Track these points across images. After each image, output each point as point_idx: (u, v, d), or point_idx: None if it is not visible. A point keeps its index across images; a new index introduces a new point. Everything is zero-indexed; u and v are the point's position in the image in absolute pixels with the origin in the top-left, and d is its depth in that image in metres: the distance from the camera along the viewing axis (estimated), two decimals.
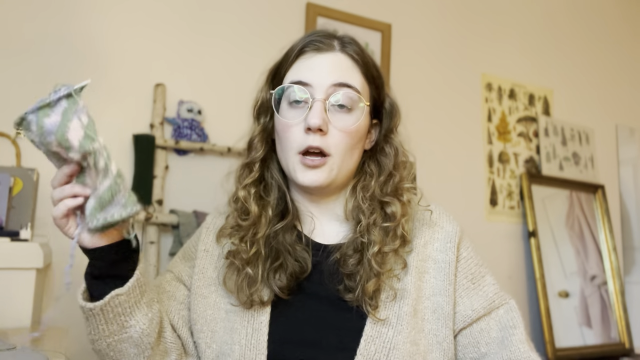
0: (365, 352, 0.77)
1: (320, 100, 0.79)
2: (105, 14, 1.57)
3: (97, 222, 0.68)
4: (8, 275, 1.15)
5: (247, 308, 0.82)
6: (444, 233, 0.89)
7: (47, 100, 0.65)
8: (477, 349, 0.85)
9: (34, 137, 0.66)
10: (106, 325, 0.78)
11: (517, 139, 2.34)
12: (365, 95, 0.85)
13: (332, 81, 0.81)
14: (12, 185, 1.30)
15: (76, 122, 0.67)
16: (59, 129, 0.65)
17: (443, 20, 2.20)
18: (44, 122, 0.65)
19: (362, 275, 0.79)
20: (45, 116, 0.65)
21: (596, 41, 2.66)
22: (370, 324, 0.80)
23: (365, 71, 0.86)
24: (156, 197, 1.55)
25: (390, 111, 0.90)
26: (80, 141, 0.67)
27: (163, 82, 1.61)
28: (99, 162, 0.69)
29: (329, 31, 0.88)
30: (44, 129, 0.65)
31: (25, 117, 0.65)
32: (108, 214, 0.69)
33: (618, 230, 2.58)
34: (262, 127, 0.90)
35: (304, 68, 0.83)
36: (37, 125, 0.65)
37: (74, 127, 0.67)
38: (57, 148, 0.67)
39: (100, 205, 0.69)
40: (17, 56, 1.46)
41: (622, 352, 2.29)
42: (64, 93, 0.67)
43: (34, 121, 0.65)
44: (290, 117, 0.82)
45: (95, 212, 0.69)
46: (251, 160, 0.89)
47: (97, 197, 0.69)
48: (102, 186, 0.69)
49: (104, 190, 0.69)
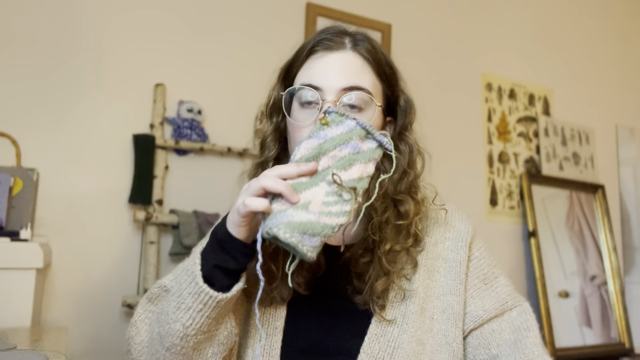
0: (369, 351, 0.77)
1: (331, 102, 0.78)
2: (105, 14, 1.57)
3: (288, 236, 0.61)
4: (8, 275, 1.15)
5: (266, 306, 0.82)
6: (456, 232, 0.88)
7: (372, 130, 0.71)
8: (488, 351, 0.83)
9: (328, 134, 0.70)
10: (214, 319, 0.71)
11: (517, 139, 2.34)
12: (378, 94, 0.83)
13: (342, 85, 0.78)
14: (12, 185, 1.30)
15: (370, 168, 0.71)
16: (360, 153, 0.70)
17: (443, 20, 2.20)
18: (355, 141, 0.70)
19: (372, 274, 0.79)
20: (361, 140, 0.71)
21: (596, 41, 2.66)
22: (375, 323, 0.79)
23: (378, 69, 0.83)
24: (156, 197, 1.55)
25: (405, 108, 0.89)
26: (360, 175, 0.69)
27: (163, 82, 1.61)
28: (344, 196, 0.67)
29: (340, 28, 0.85)
30: (349, 144, 0.70)
31: (339, 115, 0.71)
32: (302, 239, 0.62)
33: (618, 230, 2.58)
34: (274, 127, 0.88)
35: (315, 69, 0.81)
36: (348, 135, 0.70)
37: (368, 167, 0.70)
38: (329, 161, 0.69)
39: (306, 229, 0.62)
40: (17, 56, 1.46)
41: (622, 352, 2.29)
42: (385, 143, 0.71)
43: (347, 129, 0.70)
44: (301, 118, 0.80)
45: (296, 228, 0.61)
46: (265, 160, 0.87)
47: (310, 220, 0.63)
48: (325, 219, 0.64)
49: (322, 225, 0.63)
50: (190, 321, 0.69)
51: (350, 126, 0.70)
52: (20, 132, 1.42)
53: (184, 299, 0.69)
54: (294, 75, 0.84)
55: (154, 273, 1.51)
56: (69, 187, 1.48)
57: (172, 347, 0.71)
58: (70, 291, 1.45)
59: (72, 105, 1.51)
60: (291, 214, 0.63)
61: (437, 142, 2.14)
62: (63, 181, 1.47)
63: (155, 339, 0.74)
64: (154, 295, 0.83)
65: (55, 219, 1.45)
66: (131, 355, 0.81)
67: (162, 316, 0.74)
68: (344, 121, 0.71)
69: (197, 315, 0.69)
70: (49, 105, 1.48)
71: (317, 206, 0.64)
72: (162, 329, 0.72)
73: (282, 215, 0.63)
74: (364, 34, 0.85)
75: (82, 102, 1.52)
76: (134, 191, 1.51)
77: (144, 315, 0.82)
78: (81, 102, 1.52)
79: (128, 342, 0.82)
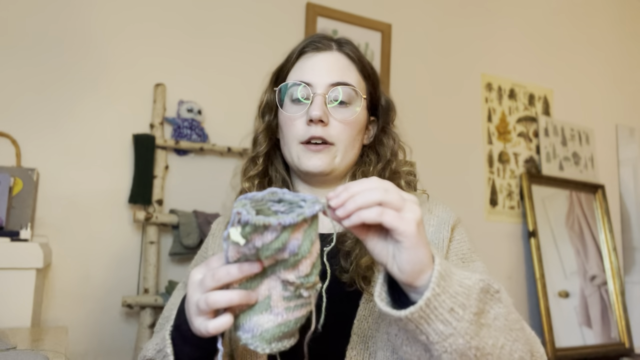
0: (359, 332, 0.81)
1: (321, 95, 0.85)
2: (105, 14, 1.57)
3: (268, 350, 0.59)
4: (8, 275, 1.15)
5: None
6: (439, 219, 0.91)
7: (299, 217, 0.55)
8: None
9: (254, 245, 0.55)
10: None
11: (517, 139, 2.34)
12: (362, 90, 0.90)
13: (331, 81, 0.86)
14: (12, 185, 1.30)
15: (316, 247, 0.58)
16: (300, 251, 0.56)
17: (443, 20, 2.20)
18: (289, 241, 0.55)
19: (357, 252, 0.82)
20: (293, 235, 0.55)
21: (596, 41, 2.66)
22: (363, 305, 0.82)
23: (362, 68, 0.91)
24: (156, 197, 1.55)
25: (386, 108, 0.96)
26: (310, 269, 0.58)
27: (163, 82, 1.61)
28: (303, 294, 0.59)
29: (326, 34, 0.94)
30: (286, 247, 0.55)
31: (257, 225, 0.53)
32: (281, 344, 0.60)
33: (618, 230, 2.58)
34: (266, 125, 0.95)
35: (305, 68, 0.88)
36: (278, 241, 0.54)
37: (313, 253, 0.58)
38: (272, 261, 0.57)
39: (281, 334, 0.59)
40: (17, 56, 1.46)
41: (622, 352, 2.29)
42: (317, 210, 0.56)
43: (274, 237, 0.54)
44: (293, 111, 0.87)
45: (271, 339, 0.59)
46: (256, 154, 0.94)
47: (280, 324, 0.59)
48: (293, 315, 0.60)
49: (293, 321, 0.60)
50: None
51: (277, 231, 0.55)
52: (20, 132, 1.42)
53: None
54: (285, 76, 0.92)
55: (154, 273, 1.51)
56: (69, 187, 1.48)
57: None
58: (70, 291, 1.45)
59: (72, 105, 1.51)
60: (258, 322, 0.59)
61: (437, 142, 2.16)
62: (63, 181, 1.47)
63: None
64: (158, 329, 0.88)
65: (55, 219, 1.45)
66: None
67: None
68: (268, 228, 0.55)
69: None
70: (49, 105, 1.48)
71: (279, 303, 0.59)
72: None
73: (250, 325, 0.59)
74: (348, 39, 0.94)
75: (82, 102, 1.52)
76: (134, 191, 1.51)
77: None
78: (81, 102, 1.52)
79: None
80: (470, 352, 0.62)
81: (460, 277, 0.63)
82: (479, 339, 0.63)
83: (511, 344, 0.68)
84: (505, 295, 0.74)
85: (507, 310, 0.70)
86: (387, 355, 0.78)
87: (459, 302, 0.61)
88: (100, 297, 1.48)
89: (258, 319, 0.60)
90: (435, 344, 0.61)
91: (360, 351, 0.80)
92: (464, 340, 0.61)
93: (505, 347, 0.68)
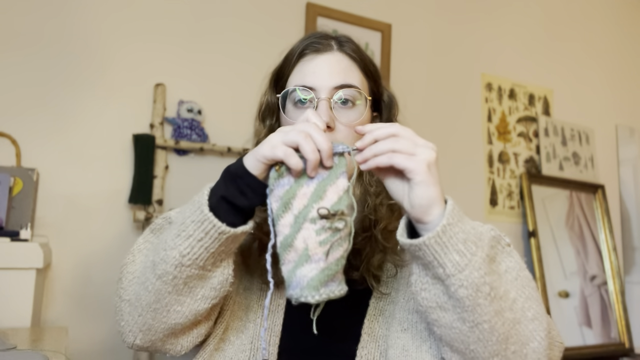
0: (369, 331, 0.81)
1: (325, 100, 0.82)
2: (105, 14, 1.57)
3: (318, 297, 0.62)
4: (8, 275, 1.15)
5: (268, 288, 0.84)
6: None
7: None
8: None
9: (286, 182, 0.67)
10: (212, 254, 0.69)
11: (517, 139, 2.34)
12: (365, 90, 0.89)
13: (334, 84, 0.84)
14: (12, 185, 1.30)
15: (342, 181, 0.67)
16: (327, 179, 0.66)
17: (443, 20, 2.20)
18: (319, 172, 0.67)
19: (368, 251, 0.84)
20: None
21: (596, 41, 2.66)
22: (373, 304, 0.84)
23: (364, 67, 0.89)
24: (156, 197, 1.55)
25: (388, 103, 0.95)
26: (337, 198, 0.66)
27: (163, 82, 1.61)
28: (338, 226, 0.64)
29: (325, 32, 0.92)
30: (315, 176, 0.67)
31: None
32: (329, 289, 0.63)
33: (618, 230, 2.58)
34: (268, 129, 0.93)
35: (307, 71, 0.86)
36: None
37: (338, 185, 0.67)
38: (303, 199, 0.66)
39: (326, 277, 0.63)
40: (17, 56, 1.46)
41: (622, 352, 2.29)
42: (341, 149, 0.68)
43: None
44: (296, 116, 0.84)
45: (318, 285, 0.62)
46: None
47: (323, 268, 0.63)
48: (332, 256, 0.64)
49: (334, 262, 0.64)
50: (188, 249, 0.68)
51: None
52: (20, 132, 1.42)
53: (186, 227, 0.68)
54: (286, 79, 0.89)
55: None
56: (69, 187, 1.48)
57: (164, 274, 0.69)
58: (70, 291, 1.45)
59: (72, 105, 1.51)
60: (302, 273, 0.63)
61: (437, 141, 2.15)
62: (63, 181, 1.47)
63: (149, 267, 0.73)
64: (157, 227, 0.83)
65: (55, 219, 1.45)
66: (121, 284, 0.80)
67: (160, 244, 0.72)
68: None
69: (196, 244, 0.68)
70: (49, 105, 1.48)
71: (317, 250, 0.63)
72: (158, 256, 0.70)
73: (296, 280, 0.63)
74: (347, 36, 0.92)
75: (82, 102, 1.52)
76: (134, 191, 1.51)
77: (143, 246, 0.82)
78: (81, 102, 1.52)
79: (121, 270, 0.82)
80: (485, 288, 0.64)
81: (472, 222, 0.68)
82: (492, 279, 0.65)
83: (523, 301, 0.69)
84: (517, 253, 0.76)
85: (519, 267, 0.72)
86: (398, 354, 0.78)
87: (472, 239, 0.64)
88: (100, 297, 1.48)
89: (301, 272, 0.63)
90: (451, 276, 0.63)
91: (371, 350, 0.80)
92: (478, 274, 0.63)
93: (517, 301, 0.69)
